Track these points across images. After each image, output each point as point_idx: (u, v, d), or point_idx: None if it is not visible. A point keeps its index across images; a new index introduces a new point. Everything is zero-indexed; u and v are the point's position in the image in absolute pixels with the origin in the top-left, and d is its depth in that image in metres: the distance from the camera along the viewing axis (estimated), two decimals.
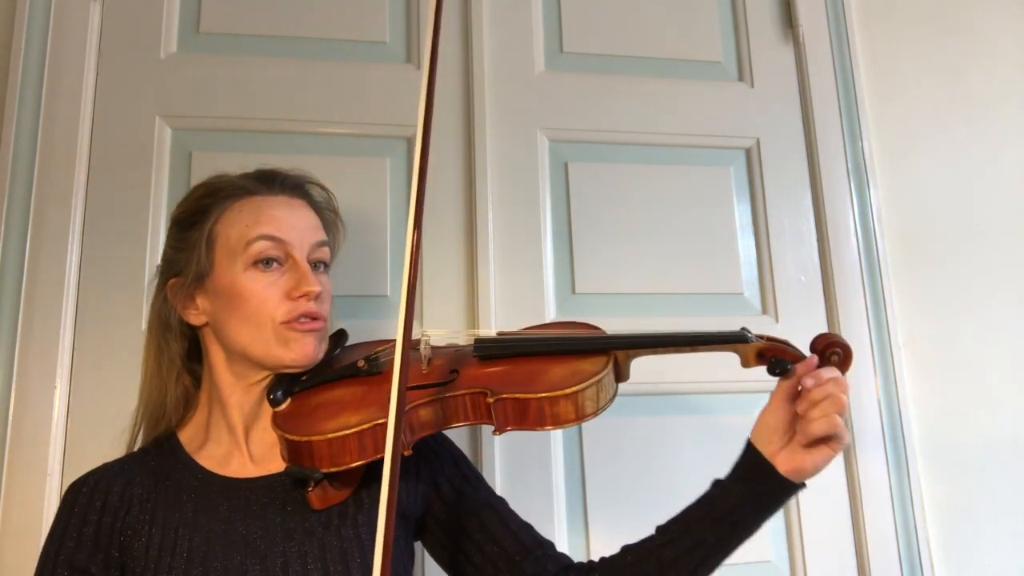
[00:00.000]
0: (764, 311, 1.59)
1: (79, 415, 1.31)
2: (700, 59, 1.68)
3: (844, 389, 0.91)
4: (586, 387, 0.91)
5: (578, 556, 1.10)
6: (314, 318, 0.99)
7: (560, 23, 1.64)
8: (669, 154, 1.62)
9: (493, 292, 1.47)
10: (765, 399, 1.53)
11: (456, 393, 0.94)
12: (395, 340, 1.05)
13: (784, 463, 0.93)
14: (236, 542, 0.93)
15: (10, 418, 1.28)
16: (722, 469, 1.57)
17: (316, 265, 1.03)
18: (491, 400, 0.91)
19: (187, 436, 1.04)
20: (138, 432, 1.07)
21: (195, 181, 1.41)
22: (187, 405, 1.06)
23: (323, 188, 1.12)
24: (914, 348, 1.60)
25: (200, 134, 1.46)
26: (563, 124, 1.59)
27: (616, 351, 0.97)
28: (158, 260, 1.37)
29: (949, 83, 1.76)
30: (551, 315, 1.50)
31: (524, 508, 1.09)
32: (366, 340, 1.11)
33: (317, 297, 0.99)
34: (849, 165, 1.66)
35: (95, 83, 1.44)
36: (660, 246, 1.57)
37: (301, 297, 0.98)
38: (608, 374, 0.95)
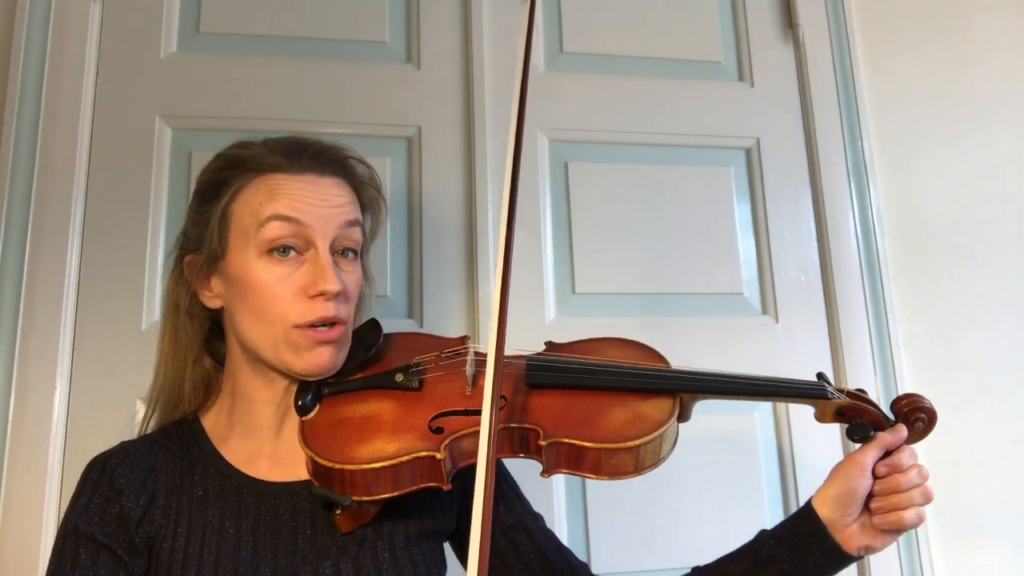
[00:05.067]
0: (764, 311, 1.59)
1: (79, 415, 1.31)
2: (700, 59, 1.68)
3: (926, 477, 0.86)
4: (649, 440, 0.84)
5: (578, 551, 1.09)
6: (332, 323, 0.87)
7: (560, 23, 1.64)
8: (669, 154, 1.62)
9: (493, 292, 1.47)
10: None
11: (503, 425, 0.85)
12: (437, 342, 0.99)
13: (852, 540, 0.87)
14: (266, 557, 0.87)
15: (10, 418, 1.28)
16: (721, 467, 1.57)
17: (344, 252, 0.91)
18: (544, 443, 0.83)
19: (211, 423, 0.96)
20: (151, 416, 0.99)
21: (195, 181, 1.43)
22: (208, 389, 0.97)
23: (363, 162, 0.98)
24: (914, 348, 1.60)
25: (200, 134, 1.46)
26: (563, 124, 1.59)
27: (682, 393, 0.89)
28: (159, 259, 1.39)
29: (949, 83, 1.76)
30: (551, 315, 1.50)
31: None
32: (401, 331, 1.03)
33: (336, 296, 0.87)
34: (849, 165, 1.66)
35: (95, 83, 1.44)
36: (660, 246, 1.57)
37: (317, 296, 0.86)
38: (673, 424, 0.87)
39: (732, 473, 1.48)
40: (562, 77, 1.61)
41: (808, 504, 0.90)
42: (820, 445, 1.51)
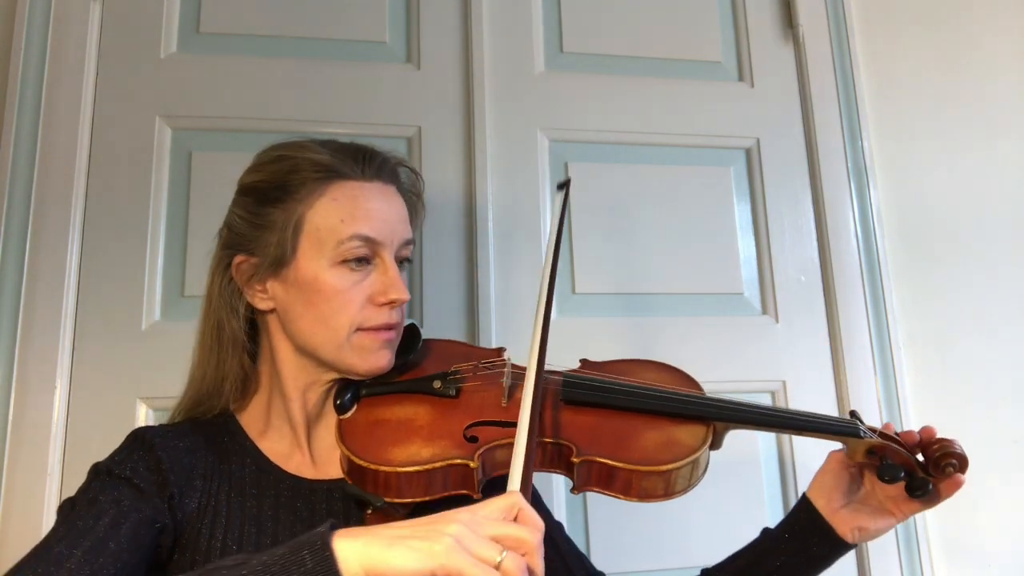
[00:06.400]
0: (764, 311, 1.59)
1: (79, 415, 1.31)
2: (700, 59, 1.68)
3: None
4: (681, 466, 0.84)
5: None
6: (391, 327, 0.92)
7: (560, 23, 1.64)
8: (669, 154, 1.62)
9: (493, 292, 1.47)
10: (765, 399, 1.54)
11: (537, 439, 0.85)
12: (473, 351, 1.01)
13: (845, 523, 0.92)
14: None
15: (10, 418, 1.28)
16: (722, 470, 1.56)
17: (400, 263, 0.96)
18: (577, 460, 0.84)
19: (247, 419, 0.97)
20: (179, 412, 0.99)
21: (195, 181, 1.43)
22: (244, 387, 0.97)
23: (413, 170, 1.02)
24: (914, 348, 1.60)
25: (200, 134, 1.46)
26: (563, 124, 1.59)
27: (716, 422, 0.89)
28: (159, 259, 1.39)
29: (949, 83, 1.76)
30: (551, 315, 1.49)
31: None
32: (438, 338, 1.05)
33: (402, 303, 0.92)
34: (849, 165, 1.66)
35: (95, 83, 1.44)
36: (660, 246, 1.57)
37: (386, 304, 0.91)
38: (705, 451, 0.87)
39: (733, 476, 1.47)
40: (562, 77, 1.61)
41: (803, 495, 0.96)
42: (821, 451, 1.50)
